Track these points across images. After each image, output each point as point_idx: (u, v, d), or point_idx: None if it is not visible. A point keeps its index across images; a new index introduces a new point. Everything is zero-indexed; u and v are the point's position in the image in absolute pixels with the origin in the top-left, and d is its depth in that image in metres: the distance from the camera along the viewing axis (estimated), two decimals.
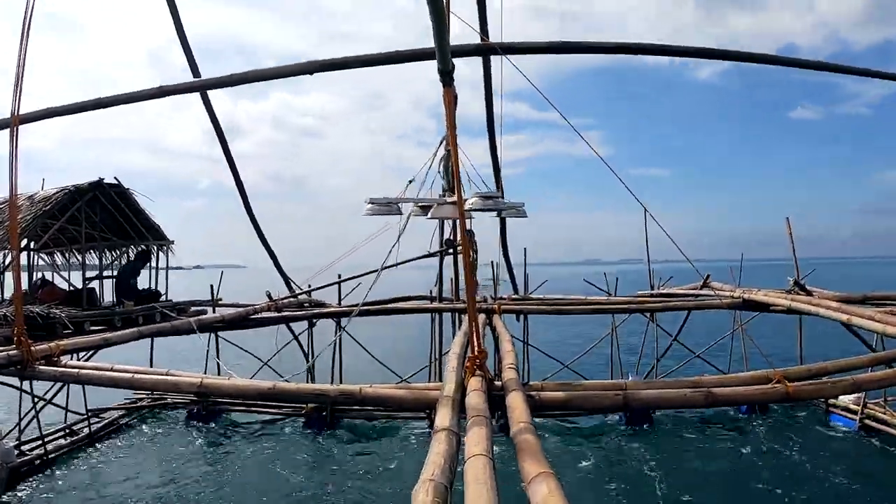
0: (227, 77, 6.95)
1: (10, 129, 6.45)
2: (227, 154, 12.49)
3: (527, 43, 6.11)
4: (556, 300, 15.56)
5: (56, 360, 7.26)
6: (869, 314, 8.71)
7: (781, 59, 7.27)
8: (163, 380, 6.46)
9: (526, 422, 3.99)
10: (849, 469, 12.83)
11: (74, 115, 7.23)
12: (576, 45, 6.37)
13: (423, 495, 2.73)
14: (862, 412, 14.53)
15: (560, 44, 6.23)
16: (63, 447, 14.02)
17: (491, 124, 11.16)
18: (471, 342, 5.23)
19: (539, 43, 6.14)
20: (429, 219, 7.52)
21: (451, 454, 3.34)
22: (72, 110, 7.15)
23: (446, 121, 5.10)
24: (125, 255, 14.77)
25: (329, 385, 6.05)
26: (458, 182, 5.04)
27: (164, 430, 16.31)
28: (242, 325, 13.45)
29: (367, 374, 16.14)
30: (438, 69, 4.52)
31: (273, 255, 14.99)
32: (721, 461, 13.40)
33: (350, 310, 13.84)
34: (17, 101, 6.33)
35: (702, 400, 5.34)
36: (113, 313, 12.35)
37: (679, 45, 6.69)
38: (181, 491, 12.09)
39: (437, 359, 15.82)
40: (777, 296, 12.26)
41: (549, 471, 3.00)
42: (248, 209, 13.76)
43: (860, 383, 6.54)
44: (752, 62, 7.25)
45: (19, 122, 6.44)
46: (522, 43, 6.12)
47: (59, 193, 12.12)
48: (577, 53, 6.41)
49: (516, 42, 6.15)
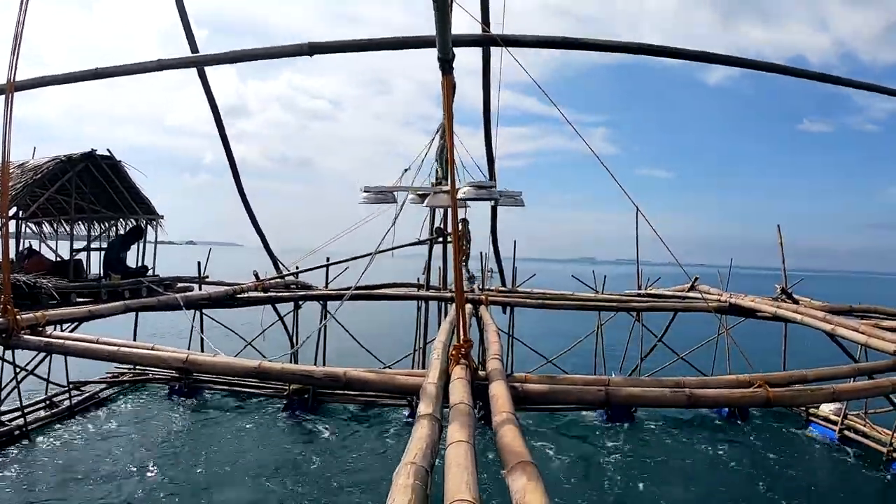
0: (225, 54, 6.93)
1: (4, 95, 6.41)
2: (220, 131, 12.43)
3: (528, 36, 6.12)
4: (542, 294, 15.60)
5: (41, 330, 7.23)
6: (854, 325, 8.79)
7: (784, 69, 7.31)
8: (148, 354, 6.45)
9: (508, 411, 4.03)
10: (825, 479, 13.00)
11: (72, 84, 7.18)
12: (577, 42, 6.38)
13: (405, 477, 2.76)
14: (842, 423, 14.65)
15: (561, 40, 6.24)
16: (42, 419, 14.01)
17: (487, 115, 11.15)
18: (457, 331, 5.26)
19: (540, 37, 6.15)
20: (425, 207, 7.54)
21: (433, 439, 3.38)
22: (69, 79, 7.11)
23: (444, 109, 5.11)
24: (114, 228, 14.69)
25: (315, 367, 6.07)
26: (452, 171, 5.06)
27: (145, 406, 16.29)
28: (228, 304, 13.42)
29: (350, 357, 16.16)
30: (438, 57, 4.53)
31: (262, 235, 14.93)
32: (699, 463, 13.52)
33: (338, 293, 13.83)
34: (14, 68, 6.28)
35: (683, 400, 5.40)
36: (100, 286, 12.29)
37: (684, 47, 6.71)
38: (159, 466, 12.10)
39: (421, 347, 15.84)
40: (763, 302, 12.37)
41: (529, 460, 3.04)
42: (239, 187, 13.69)
43: (840, 393, 6.62)
44: (755, 69, 7.29)
45: (15, 89, 6.40)
46: (524, 36, 6.12)
47: (50, 163, 12.01)
48: (578, 50, 6.42)
49: (517, 35, 6.15)
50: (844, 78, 7.64)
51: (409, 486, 2.68)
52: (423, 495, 2.68)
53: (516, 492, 2.78)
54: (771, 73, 7.40)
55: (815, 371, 6.56)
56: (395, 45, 6.24)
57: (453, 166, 5.04)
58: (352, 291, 9.25)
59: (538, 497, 2.65)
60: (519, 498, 2.71)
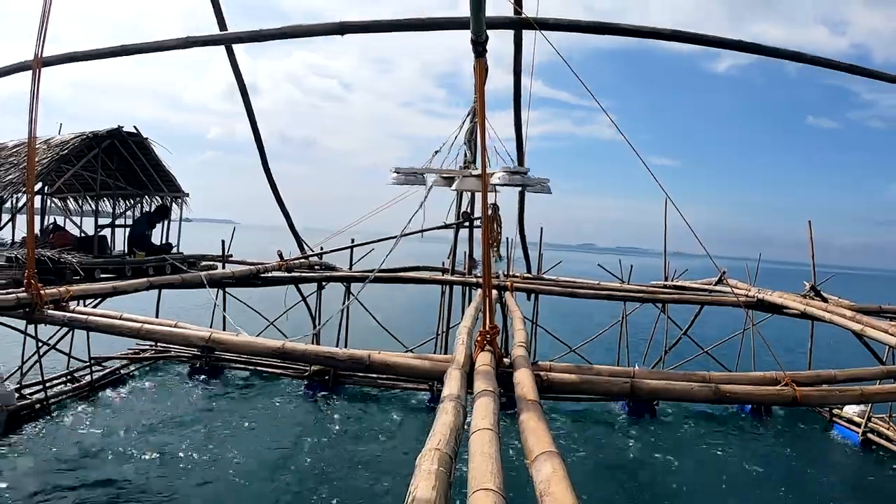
0: (254, 32, 6.85)
1: (32, 70, 6.40)
2: (248, 109, 12.34)
3: (563, 20, 5.99)
4: (569, 282, 15.45)
5: (65, 304, 7.26)
6: (884, 326, 8.57)
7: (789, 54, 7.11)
8: (171, 332, 6.44)
9: (533, 399, 3.98)
10: (847, 482, 12.85)
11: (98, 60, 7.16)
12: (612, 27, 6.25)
13: (428, 463, 2.72)
14: (866, 425, 14.44)
15: (597, 24, 6.12)
16: (64, 393, 14.17)
17: (518, 99, 11.00)
18: (483, 316, 5.20)
19: (576, 21, 6.01)
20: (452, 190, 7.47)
21: (457, 425, 3.34)
22: (96, 55, 7.07)
23: (476, 93, 5.02)
24: (139, 206, 14.76)
25: (338, 349, 6.02)
26: (484, 155, 4.98)
27: (165, 383, 16.45)
28: (252, 283, 13.42)
29: (370, 339, 16.22)
30: (471, 39, 4.44)
31: (287, 215, 14.88)
32: (719, 460, 13.41)
33: (362, 275, 13.82)
34: (42, 44, 6.27)
35: (710, 395, 5.30)
36: (124, 262, 12.36)
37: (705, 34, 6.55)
38: (179, 443, 12.20)
39: (444, 331, 15.82)
40: (792, 299, 12.11)
41: (554, 450, 2.99)
42: (265, 167, 13.60)
43: (869, 394, 6.47)
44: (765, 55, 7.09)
45: (42, 65, 6.39)
46: (559, 20, 6.00)
47: (76, 139, 12.05)
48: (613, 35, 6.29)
49: (553, 18, 6.03)
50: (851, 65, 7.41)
51: (434, 472, 2.64)
52: (447, 482, 2.64)
53: (541, 481, 2.73)
54: (787, 60, 7.18)
55: (844, 371, 6.40)
56: (428, 25, 6.15)
57: (485, 150, 4.96)
58: (375, 273, 9.19)
59: (563, 487, 2.60)
60: (544, 488, 2.65)
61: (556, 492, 2.58)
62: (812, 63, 7.03)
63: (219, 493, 10.51)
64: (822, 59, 7.06)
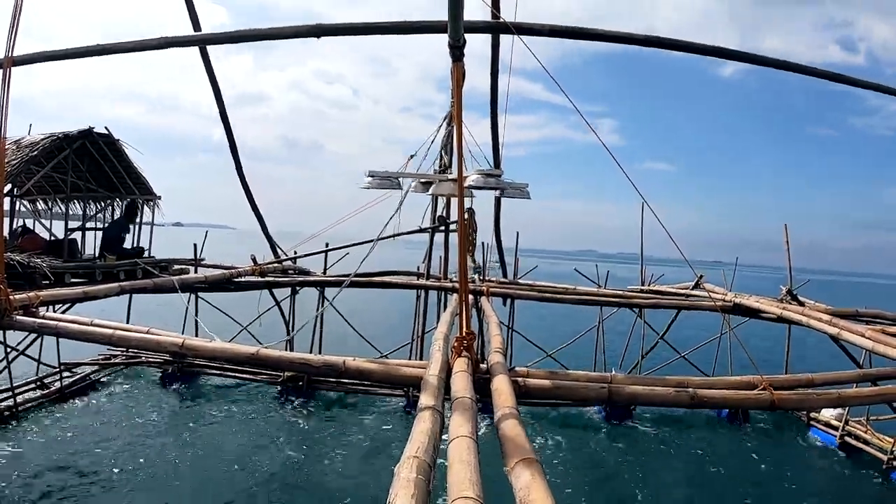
0: (232, 33, 6.78)
1: (2, 70, 6.26)
2: (221, 111, 12.21)
3: (540, 25, 5.99)
4: (545, 287, 15.39)
5: (35, 310, 7.10)
6: (860, 330, 8.61)
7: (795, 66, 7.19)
8: (144, 338, 6.33)
9: (511, 406, 3.97)
10: (824, 485, 12.98)
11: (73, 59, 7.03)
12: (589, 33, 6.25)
13: (407, 471, 2.69)
14: (843, 429, 14.60)
15: (574, 29, 6.12)
16: (33, 400, 13.94)
17: (495, 104, 11.00)
18: (460, 323, 5.17)
19: (553, 26, 6.02)
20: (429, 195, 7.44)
21: (435, 433, 3.31)
22: (70, 55, 6.94)
23: (454, 97, 5.00)
24: (110, 208, 14.54)
25: (312, 355, 5.96)
26: (460, 159, 4.96)
27: (137, 389, 16.23)
28: (225, 287, 13.25)
29: (345, 344, 16.11)
30: (449, 43, 4.43)
31: (261, 218, 14.72)
32: (696, 464, 13.52)
33: (337, 280, 13.71)
34: (13, 42, 6.13)
35: (687, 400, 5.31)
36: (94, 266, 12.16)
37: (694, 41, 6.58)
38: (150, 450, 12.07)
39: (419, 336, 15.74)
40: (768, 303, 12.19)
41: (533, 457, 2.98)
42: (238, 169, 13.46)
43: (845, 398, 6.53)
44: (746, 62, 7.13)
45: (13, 64, 6.25)
46: (536, 25, 6.00)
47: (46, 140, 11.83)
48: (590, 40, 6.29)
49: (530, 23, 6.02)
50: (852, 77, 7.50)
51: (413, 480, 2.61)
52: (426, 490, 2.62)
53: (520, 489, 2.73)
54: (783, 70, 7.24)
55: (820, 375, 6.44)
56: (405, 29, 6.11)
57: (462, 155, 4.94)
58: (351, 278, 9.13)
59: (542, 494, 2.60)
60: (523, 496, 2.65)
61: (535, 499, 2.58)
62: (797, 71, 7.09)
63: (184, 500, 10.40)
64: (805, 67, 7.13)
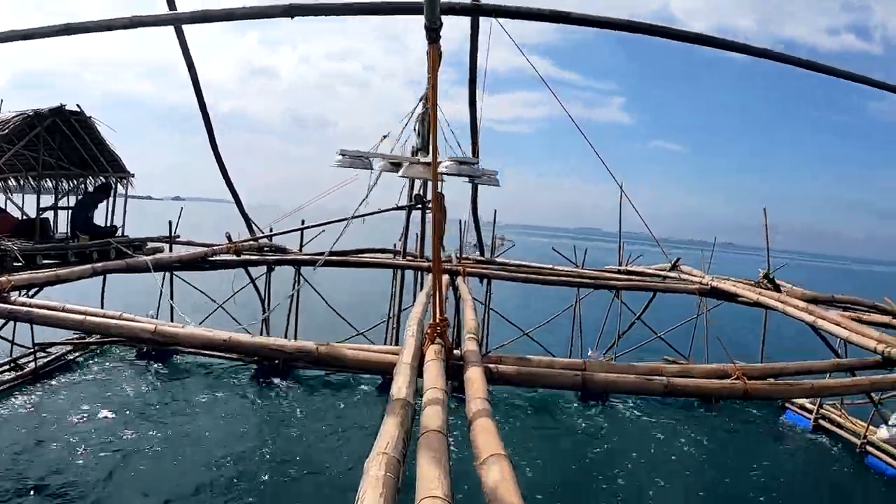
0: (200, 12, 6.62)
1: None
2: (195, 85, 12.09)
3: (519, 8, 5.90)
4: (521, 266, 15.32)
5: (6, 295, 6.97)
6: (836, 319, 8.61)
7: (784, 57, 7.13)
8: (115, 324, 6.22)
9: (482, 398, 3.94)
10: (797, 468, 13.16)
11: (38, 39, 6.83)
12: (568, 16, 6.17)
13: (376, 468, 2.67)
14: (817, 412, 14.82)
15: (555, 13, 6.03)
16: (6, 381, 13.81)
17: (473, 87, 10.91)
18: (433, 309, 5.14)
19: (531, 9, 5.94)
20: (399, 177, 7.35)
21: (405, 427, 3.29)
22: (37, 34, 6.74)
23: (429, 79, 4.92)
24: (83, 186, 14.32)
25: (285, 340, 5.90)
26: (434, 143, 4.89)
27: (112, 369, 16.12)
28: (199, 267, 13.06)
29: (322, 322, 16.06)
30: (425, 25, 4.34)
31: (235, 193, 14.50)
32: (670, 446, 13.65)
33: (312, 258, 13.59)
34: None
35: (660, 389, 5.33)
36: (67, 247, 11.98)
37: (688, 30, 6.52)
38: (123, 430, 12.02)
39: (396, 314, 15.67)
40: (745, 287, 12.18)
41: (502, 452, 2.97)
42: (212, 142, 13.27)
43: (819, 388, 6.58)
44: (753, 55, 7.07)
45: None
46: (514, 7, 5.91)
47: (17, 117, 11.60)
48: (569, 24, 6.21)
49: (508, 6, 5.94)
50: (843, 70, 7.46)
51: (381, 478, 2.59)
52: (395, 488, 2.60)
53: (489, 486, 2.71)
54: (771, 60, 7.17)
55: (794, 364, 6.47)
56: (381, 10, 5.99)
57: (436, 139, 4.87)
58: (325, 257, 9.05)
59: (510, 492, 2.59)
60: (491, 492, 2.64)
61: (503, 496, 2.57)
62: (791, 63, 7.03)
63: (160, 480, 10.36)
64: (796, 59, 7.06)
